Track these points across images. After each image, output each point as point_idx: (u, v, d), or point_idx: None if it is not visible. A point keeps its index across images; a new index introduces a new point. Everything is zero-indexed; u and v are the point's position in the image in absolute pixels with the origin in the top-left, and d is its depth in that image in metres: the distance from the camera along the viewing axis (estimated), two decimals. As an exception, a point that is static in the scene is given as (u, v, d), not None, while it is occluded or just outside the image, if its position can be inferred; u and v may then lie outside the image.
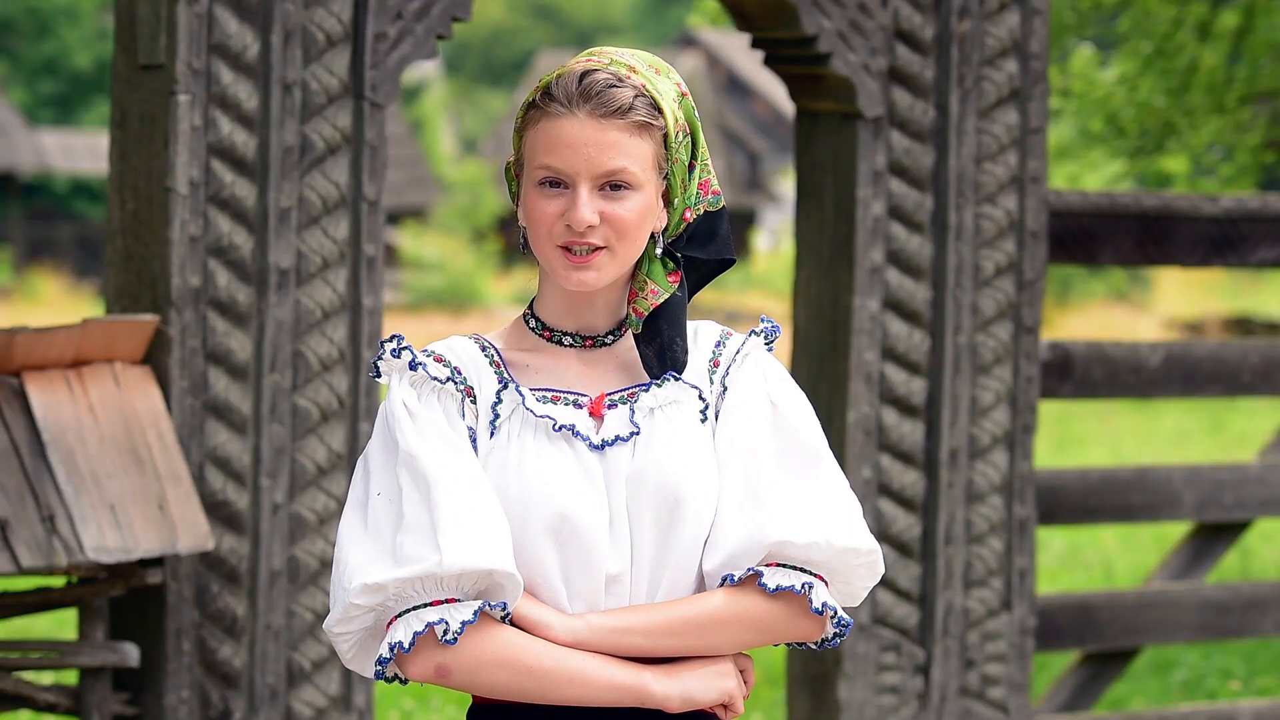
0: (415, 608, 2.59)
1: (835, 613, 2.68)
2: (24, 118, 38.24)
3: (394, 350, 2.70)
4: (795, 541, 2.64)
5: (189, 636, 4.76)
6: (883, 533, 5.46)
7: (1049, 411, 16.68)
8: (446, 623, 2.58)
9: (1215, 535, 6.36)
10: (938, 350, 5.48)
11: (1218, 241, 6.03)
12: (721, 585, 2.67)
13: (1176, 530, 11.47)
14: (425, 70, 47.70)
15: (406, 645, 2.58)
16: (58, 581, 7.56)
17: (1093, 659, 6.16)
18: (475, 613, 2.58)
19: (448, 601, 2.59)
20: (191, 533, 4.60)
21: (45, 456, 4.52)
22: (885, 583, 5.48)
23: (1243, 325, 22.58)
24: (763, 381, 2.75)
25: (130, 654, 4.67)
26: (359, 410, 4.88)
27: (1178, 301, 31.50)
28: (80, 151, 36.99)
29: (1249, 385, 6.13)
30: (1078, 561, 11.31)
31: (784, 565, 2.66)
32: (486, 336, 2.78)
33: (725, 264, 2.81)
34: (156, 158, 4.74)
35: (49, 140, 37.36)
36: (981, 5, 5.45)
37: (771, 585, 2.64)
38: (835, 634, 2.70)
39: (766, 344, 2.79)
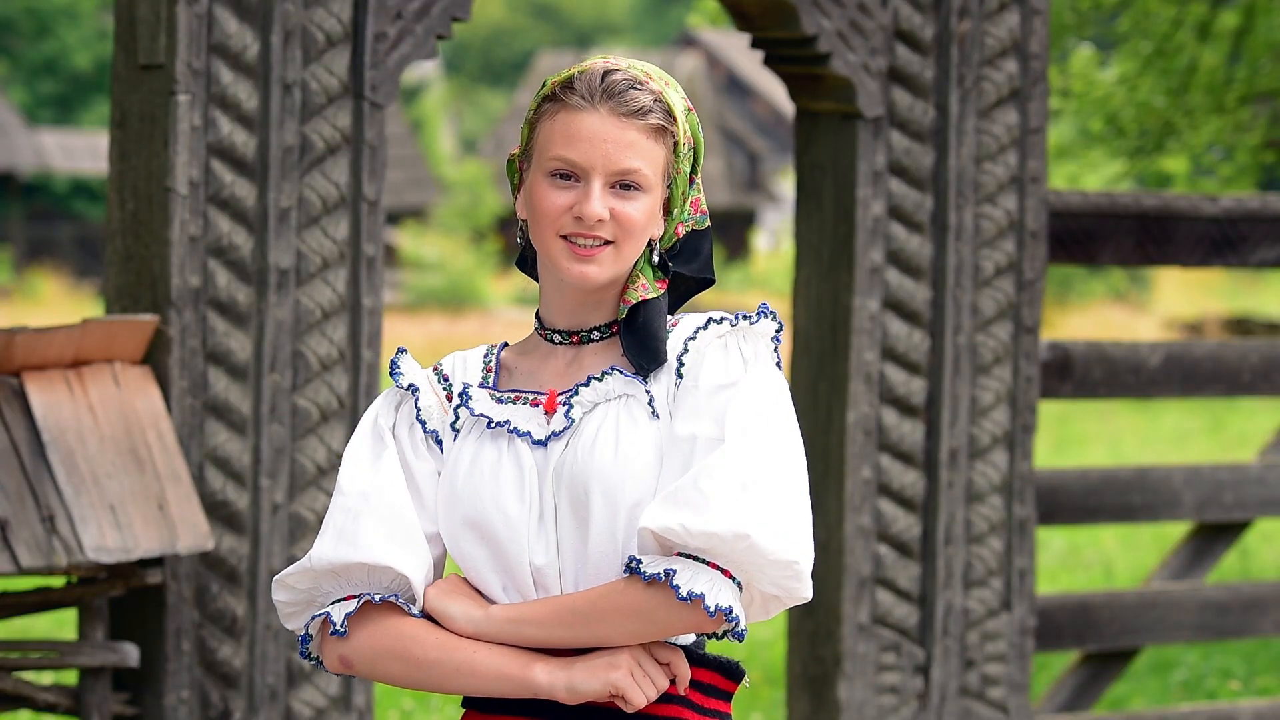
0: (336, 602, 2.73)
1: (704, 599, 2.58)
2: (24, 118, 38.24)
3: (391, 364, 2.84)
4: (654, 529, 2.60)
5: (189, 636, 4.76)
6: (883, 533, 5.46)
7: (1049, 411, 16.67)
8: (330, 615, 2.71)
9: (1215, 535, 6.36)
10: (938, 350, 5.48)
11: (1218, 241, 6.03)
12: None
13: (1176, 530, 11.47)
14: (425, 70, 47.70)
15: (306, 635, 2.74)
16: (58, 581, 7.56)
17: (1093, 659, 6.16)
18: (357, 605, 2.69)
19: (359, 596, 2.72)
20: (191, 533, 4.60)
21: (45, 456, 4.52)
22: (885, 583, 5.48)
23: (1243, 325, 22.58)
24: (720, 369, 2.70)
25: (130, 654, 4.67)
26: (359, 410, 4.88)
27: (1178, 301, 31.50)
28: (80, 151, 36.98)
29: (1249, 385, 6.13)
30: (1078, 561, 11.31)
31: (684, 555, 2.60)
32: (511, 342, 2.87)
33: (705, 283, 2.84)
34: (156, 158, 4.74)
35: (49, 140, 37.36)
36: (981, 5, 5.45)
37: (646, 573, 2.61)
38: (731, 627, 2.61)
39: (776, 331, 2.74)
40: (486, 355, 2.83)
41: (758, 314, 2.74)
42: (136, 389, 4.68)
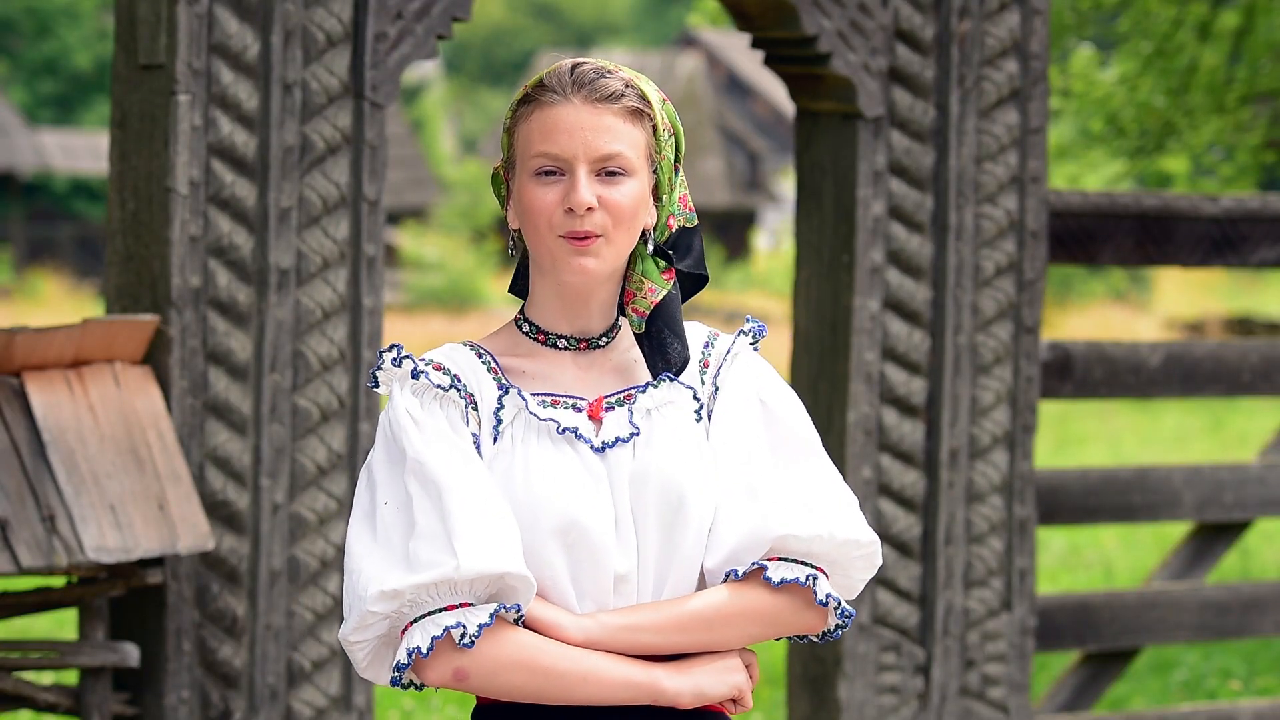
0: (431, 613, 2.60)
1: (839, 604, 2.71)
2: (24, 118, 38.23)
3: (394, 360, 2.71)
4: (799, 534, 2.68)
5: (189, 636, 4.76)
6: (883, 533, 5.46)
7: (1049, 411, 16.67)
8: (464, 626, 2.59)
9: (1215, 535, 6.36)
10: (938, 350, 5.48)
11: (1218, 241, 6.03)
12: (725, 580, 2.69)
13: (1176, 530, 11.47)
14: (425, 70, 47.70)
15: (425, 650, 2.59)
16: (58, 581, 7.56)
17: (1093, 659, 6.16)
18: (491, 615, 2.59)
19: (462, 606, 2.60)
20: (191, 533, 4.60)
21: (45, 456, 4.52)
22: (885, 583, 5.48)
23: (1243, 325, 22.58)
24: (753, 379, 2.78)
25: (130, 654, 4.67)
26: (359, 410, 4.88)
27: (1178, 301, 31.49)
28: (80, 151, 36.98)
29: (1249, 385, 6.13)
30: (1078, 561, 11.31)
31: (785, 559, 2.69)
32: (479, 343, 2.79)
33: (700, 282, 2.83)
34: (156, 158, 4.74)
35: (49, 140, 37.35)
36: (981, 5, 5.45)
37: (776, 578, 2.67)
38: (838, 625, 2.74)
39: (753, 343, 2.82)
40: (481, 356, 2.75)
41: (757, 328, 2.83)
42: (137, 389, 4.68)
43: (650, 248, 2.77)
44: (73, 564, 4.49)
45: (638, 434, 2.70)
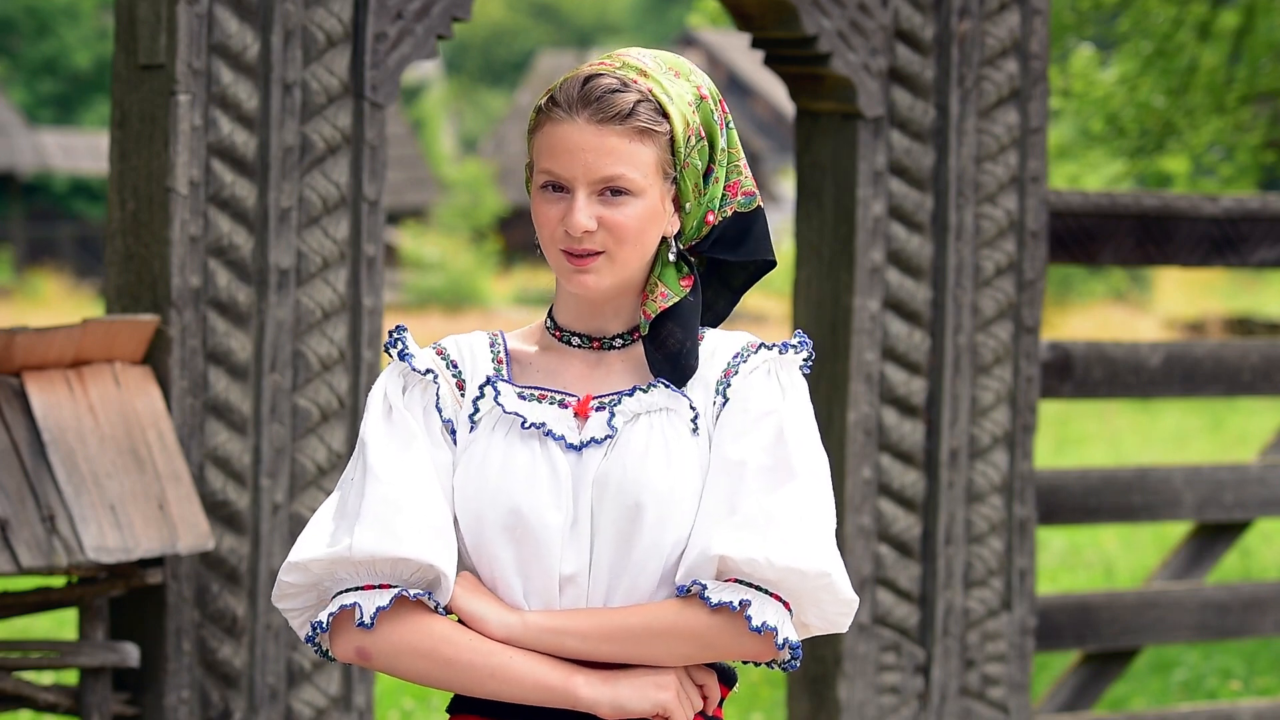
0: (347, 590, 2.65)
1: (777, 633, 2.59)
2: (24, 118, 38.23)
3: (391, 340, 2.75)
4: (734, 557, 2.59)
5: (189, 636, 4.77)
6: (883, 533, 5.46)
7: (1049, 411, 16.68)
8: (360, 606, 2.63)
9: (1215, 535, 6.37)
10: (938, 350, 5.48)
11: (1218, 241, 6.03)
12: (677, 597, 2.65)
13: (1176, 530, 11.48)
14: (425, 70, 47.70)
15: (325, 624, 2.66)
16: (58, 581, 7.56)
17: (1093, 659, 6.16)
18: (391, 599, 2.62)
19: (380, 587, 2.64)
20: (191, 533, 4.60)
21: (45, 456, 4.52)
22: (885, 583, 5.48)
23: (1243, 325, 22.58)
24: (767, 396, 2.69)
25: (130, 654, 4.67)
26: (359, 410, 4.88)
27: (1178, 301, 31.48)
28: (80, 151, 36.97)
29: (1249, 385, 6.13)
30: (1078, 561, 11.31)
31: (741, 582, 2.61)
32: (510, 332, 2.81)
33: (767, 265, 2.78)
34: (156, 158, 4.74)
35: (49, 140, 37.34)
36: (981, 5, 5.45)
37: (714, 600, 2.60)
38: (791, 658, 2.62)
39: (807, 362, 2.74)
40: (493, 345, 2.77)
41: (799, 343, 2.74)
42: (137, 389, 4.68)
43: (673, 255, 2.73)
44: (73, 564, 4.49)
45: (612, 436, 2.67)
